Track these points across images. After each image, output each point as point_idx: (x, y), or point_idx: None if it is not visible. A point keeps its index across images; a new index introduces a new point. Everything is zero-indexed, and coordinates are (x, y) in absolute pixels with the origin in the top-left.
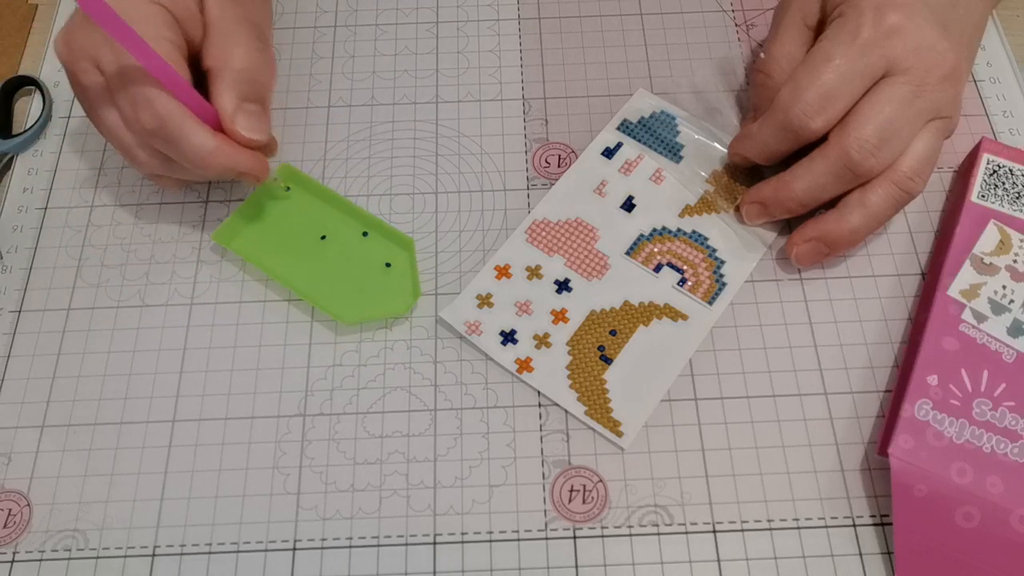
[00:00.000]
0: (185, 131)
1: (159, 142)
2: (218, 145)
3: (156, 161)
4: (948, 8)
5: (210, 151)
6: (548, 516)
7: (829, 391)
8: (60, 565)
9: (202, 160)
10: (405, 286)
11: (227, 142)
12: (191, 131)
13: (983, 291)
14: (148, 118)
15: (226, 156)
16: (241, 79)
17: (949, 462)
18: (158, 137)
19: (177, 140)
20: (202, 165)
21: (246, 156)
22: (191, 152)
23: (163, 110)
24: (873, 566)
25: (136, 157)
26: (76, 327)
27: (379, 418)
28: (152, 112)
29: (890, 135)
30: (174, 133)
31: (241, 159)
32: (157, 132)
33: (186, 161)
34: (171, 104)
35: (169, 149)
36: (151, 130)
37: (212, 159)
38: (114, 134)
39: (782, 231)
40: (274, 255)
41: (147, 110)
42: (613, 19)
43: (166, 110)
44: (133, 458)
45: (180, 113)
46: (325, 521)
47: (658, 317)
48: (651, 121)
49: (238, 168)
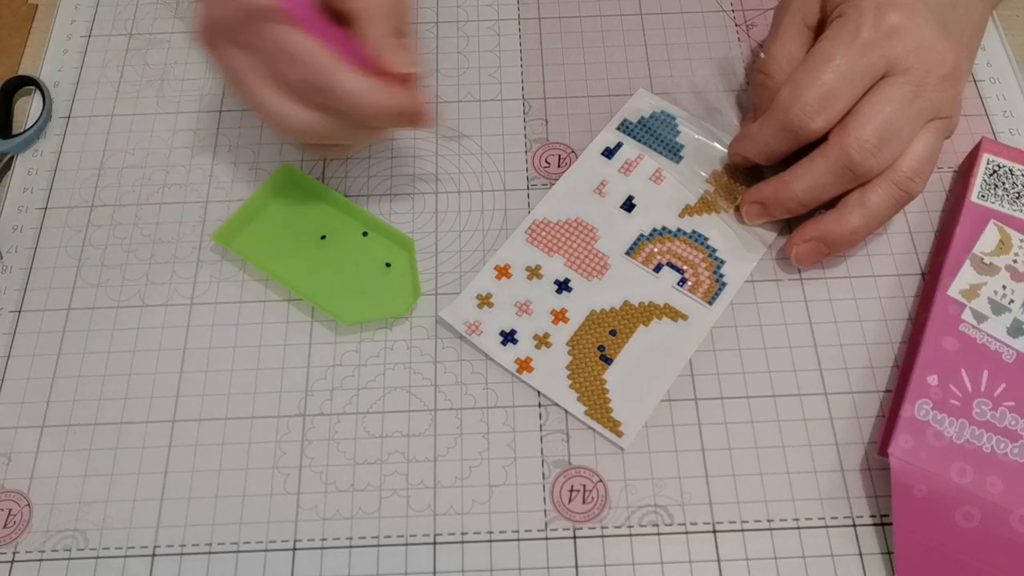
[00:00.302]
0: (337, 76)
1: (312, 93)
2: (372, 83)
3: (314, 118)
4: (948, 8)
5: (364, 91)
6: (548, 516)
7: (829, 391)
8: (60, 565)
9: (360, 102)
10: (405, 286)
11: (381, 81)
12: (343, 75)
13: (983, 291)
14: (298, 70)
15: (385, 95)
16: (385, 15)
17: (949, 462)
18: (310, 88)
19: (330, 87)
20: (360, 108)
21: (404, 94)
22: (346, 97)
23: (311, 59)
24: (873, 566)
25: (292, 120)
26: (76, 327)
27: (379, 418)
28: (302, 64)
29: (890, 135)
30: (326, 80)
31: (400, 98)
32: (309, 82)
33: (344, 107)
34: (320, 52)
35: (326, 98)
36: (302, 81)
37: (368, 99)
38: (267, 103)
39: (782, 231)
40: (274, 255)
41: (297, 64)
42: (613, 19)
43: (314, 58)
44: (133, 458)
45: (330, 59)
46: (325, 521)
47: (658, 317)
48: (651, 121)
49: (399, 107)
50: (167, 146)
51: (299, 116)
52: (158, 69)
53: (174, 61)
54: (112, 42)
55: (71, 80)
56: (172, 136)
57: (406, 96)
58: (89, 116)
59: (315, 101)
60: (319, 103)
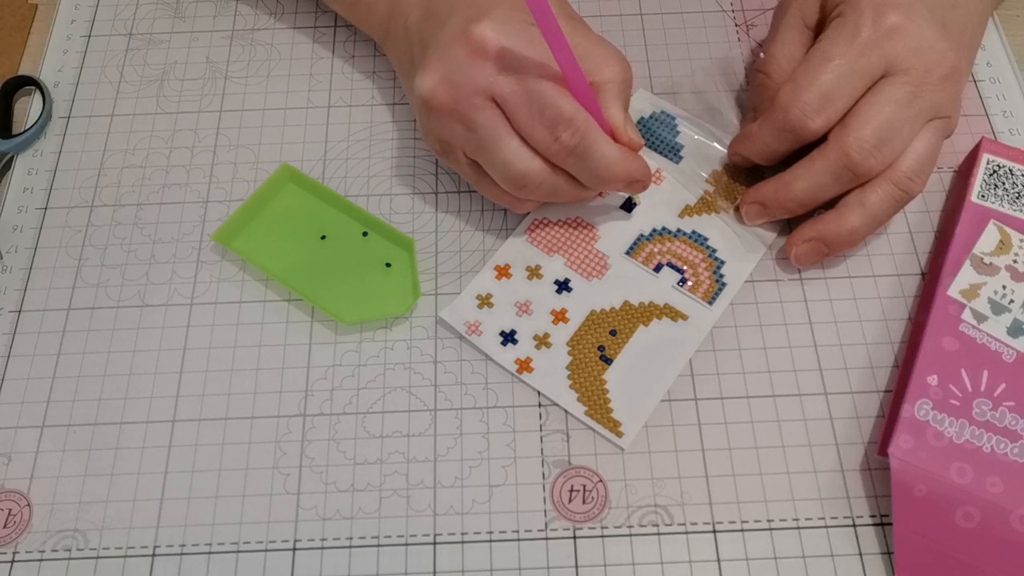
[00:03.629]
0: (600, 143)
1: (574, 160)
2: (622, 154)
3: (555, 184)
4: (948, 8)
5: (617, 160)
6: (548, 516)
7: (829, 391)
8: (60, 565)
9: (610, 170)
10: (405, 286)
11: (626, 150)
12: (604, 143)
13: (983, 291)
14: (569, 135)
15: (629, 164)
16: (622, 89)
17: (949, 462)
18: (575, 155)
19: (592, 153)
20: (609, 175)
21: (641, 162)
22: (603, 164)
23: (583, 124)
24: (873, 566)
25: (532, 181)
26: (76, 327)
27: (379, 418)
28: (574, 128)
29: (890, 135)
30: (592, 146)
31: (638, 165)
32: (576, 149)
33: (594, 173)
34: (588, 118)
35: (582, 164)
36: (571, 147)
37: (619, 168)
38: (514, 166)
39: (782, 231)
40: (274, 255)
41: (568, 127)
42: (613, 19)
43: (585, 124)
44: (133, 458)
45: (594, 126)
46: (325, 521)
47: (658, 317)
48: (651, 121)
49: (636, 175)
50: (167, 146)
51: (539, 173)
52: (158, 69)
53: (174, 61)
54: (112, 42)
55: (71, 80)
56: (172, 136)
57: (643, 165)
58: (89, 116)
59: (562, 161)
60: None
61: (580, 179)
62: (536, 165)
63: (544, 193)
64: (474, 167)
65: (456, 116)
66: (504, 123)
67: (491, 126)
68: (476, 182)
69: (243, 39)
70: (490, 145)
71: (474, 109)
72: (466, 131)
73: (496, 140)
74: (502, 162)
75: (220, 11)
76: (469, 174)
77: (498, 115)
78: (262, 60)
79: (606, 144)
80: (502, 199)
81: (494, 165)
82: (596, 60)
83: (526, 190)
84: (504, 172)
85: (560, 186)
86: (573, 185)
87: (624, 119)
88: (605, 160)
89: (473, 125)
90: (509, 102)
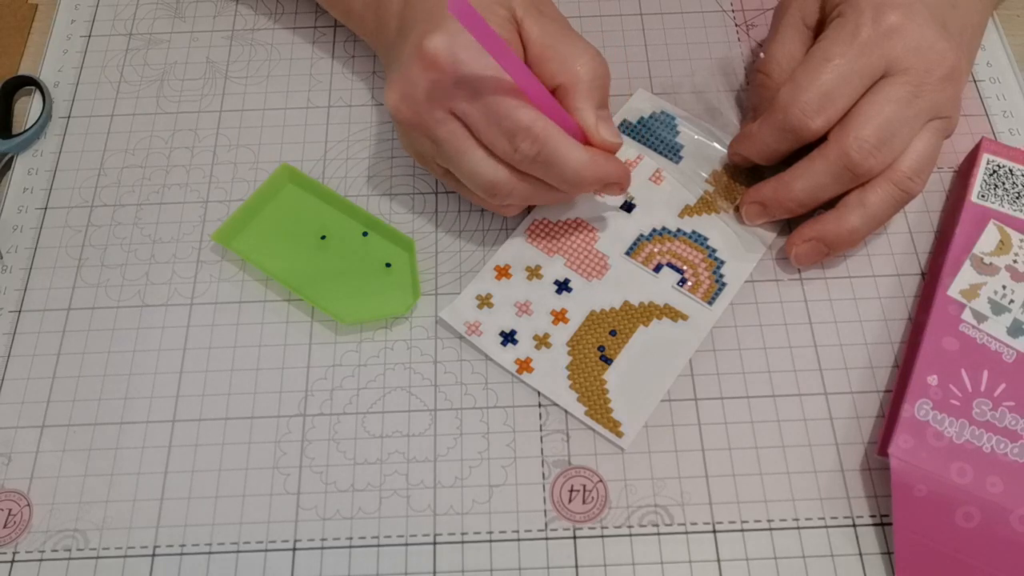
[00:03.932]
0: (562, 150)
1: (538, 167)
2: (592, 157)
3: (527, 190)
4: (948, 8)
5: (585, 165)
6: (548, 516)
7: (829, 391)
8: (60, 565)
9: (578, 176)
10: (405, 286)
11: (598, 153)
12: (567, 148)
13: (983, 291)
14: (528, 145)
15: (600, 167)
16: (593, 88)
17: (949, 462)
18: (538, 163)
19: (555, 160)
20: (578, 181)
21: (615, 164)
22: (569, 170)
23: (542, 132)
24: (873, 566)
25: (501, 190)
26: (76, 327)
27: (379, 418)
28: (532, 137)
29: (889, 135)
30: (553, 154)
31: (611, 168)
32: (537, 157)
33: (562, 179)
34: (547, 125)
35: (547, 171)
36: (532, 156)
37: (587, 172)
38: (481, 176)
39: (782, 231)
40: (274, 255)
41: (526, 137)
42: (613, 19)
43: (544, 132)
44: (133, 458)
45: (555, 132)
46: (325, 521)
47: (658, 317)
48: (651, 121)
49: (610, 178)
50: (167, 146)
51: (507, 182)
52: (158, 69)
53: (174, 61)
54: (112, 42)
55: (71, 80)
56: (172, 136)
57: (618, 167)
58: (89, 116)
59: (527, 169)
60: (542, 172)
61: (551, 184)
62: (502, 174)
63: (520, 198)
64: (450, 176)
65: (421, 130)
66: (466, 135)
67: (453, 140)
68: (456, 189)
69: (243, 39)
70: (456, 157)
71: (436, 123)
72: (432, 144)
73: (461, 153)
74: (469, 173)
75: (220, 11)
76: (448, 182)
77: (459, 128)
78: (262, 60)
79: (571, 149)
80: (484, 204)
81: (463, 176)
82: (565, 60)
83: (499, 197)
84: (473, 182)
85: (534, 191)
86: (548, 189)
87: (596, 120)
88: (571, 166)
89: (437, 139)
90: (468, 115)
